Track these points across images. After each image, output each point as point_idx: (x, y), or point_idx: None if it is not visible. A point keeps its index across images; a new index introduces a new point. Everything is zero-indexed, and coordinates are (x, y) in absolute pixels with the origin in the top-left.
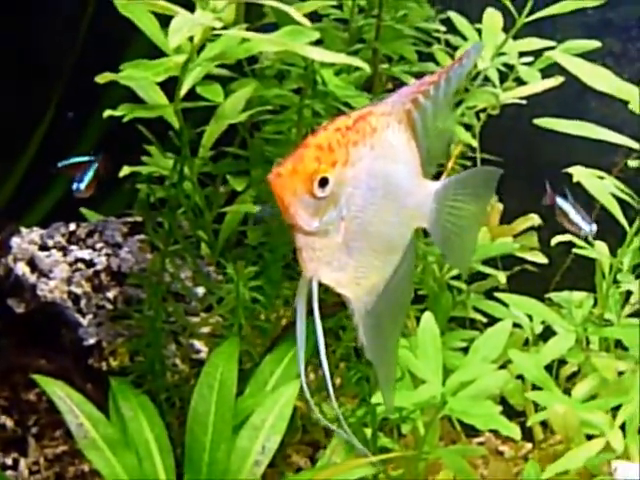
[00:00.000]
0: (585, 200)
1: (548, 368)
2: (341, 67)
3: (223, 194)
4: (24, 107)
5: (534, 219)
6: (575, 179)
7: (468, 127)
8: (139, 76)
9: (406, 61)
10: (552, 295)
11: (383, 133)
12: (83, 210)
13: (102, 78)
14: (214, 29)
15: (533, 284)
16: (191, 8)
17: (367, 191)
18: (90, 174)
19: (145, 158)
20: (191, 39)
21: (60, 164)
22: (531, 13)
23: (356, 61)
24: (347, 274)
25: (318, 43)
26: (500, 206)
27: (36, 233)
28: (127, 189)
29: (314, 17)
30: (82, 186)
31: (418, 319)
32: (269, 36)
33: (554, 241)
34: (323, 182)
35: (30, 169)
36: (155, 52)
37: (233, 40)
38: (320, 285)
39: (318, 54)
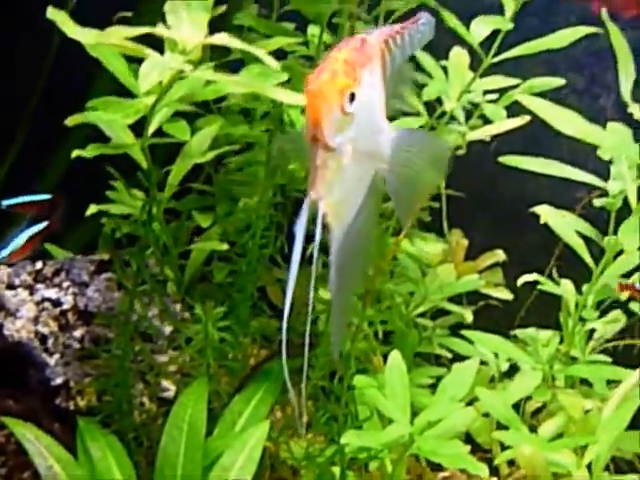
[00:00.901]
0: None
1: (514, 403)
2: None
3: (188, 230)
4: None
5: (499, 255)
6: (542, 220)
7: None
8: (108, 118)
9: None
10: (517, 332)
11: (374, 62)
12: (47, 246)
13: (71, 121)
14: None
15: (498, 319)
16: None
17: (365, 117)
18: (19, 239)
19: (111, 194)
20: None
21: (6, 203)
22: (497, 53)
23: None
24: (339, 200)
25: (285, 81)
26: (465, 242)
27: (2, 271)
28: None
29: (280, 54)
30: (4, 253)
31: (384, 356)
32: (237, 78)
33: (520, 281)
34: (351, 97)
35: None
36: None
37: (201, 81)
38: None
39: (286, 96)
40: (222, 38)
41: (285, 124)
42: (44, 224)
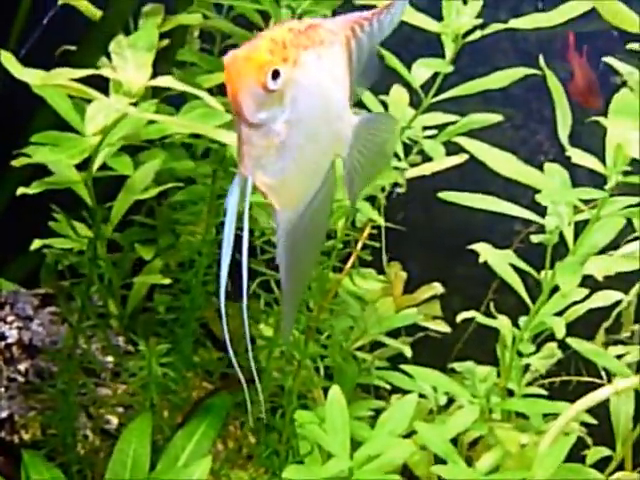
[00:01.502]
0: None
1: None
2: None
3: (130, 262)
4: None
5: (437, 288)
6: (481, 259)
7: (373, 199)
8: (54, 158)
9: None
10: (456, 365)
11: (329, 48)
12: None
13: (17, 162)
14: None
15: (436, 349)
16: None
17: (308, 100)
18: None
19: (54, 225)
20: None
21: None
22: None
23: None
24: (278, 180)
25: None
26: (403, 275)
27: None
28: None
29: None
30: None
31: (325, 389)
32: (180, 118)
33: (459, 318)
34: (275, 75)
35: None
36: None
37: (144, 120)
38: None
39: (229, 138)
40: (166, 80)
41: (227, 161)
42: None
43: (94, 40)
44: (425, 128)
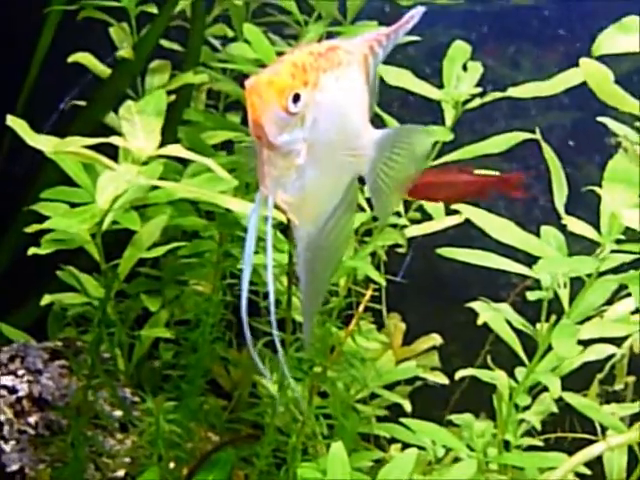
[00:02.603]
0: None
1: None
2: None
3: (135, 313)
4: None
5: (435, 339)
6: (480, 321)
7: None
8: (66, 225)
9: None
10: (453, 417)
11: (347, 69)
12: None
13: (31, 229)
14: None
15: (432, 397)
16: None
17: (328, 121)
18: None
19: (62, 274)
20: None
21: None
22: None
23: (277, 213)
24: (297, 198)
25: (231, 171)
26: (403, 326)
27: None
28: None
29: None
30: None
31: (324, 436)
32: (187, 185)
33: (458, 375)
34: (296, 98)
35: None
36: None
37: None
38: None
39: (235, 205)
40: (174, 149)
41: (234, 226)
42: None
43: (103, 97)
44: None
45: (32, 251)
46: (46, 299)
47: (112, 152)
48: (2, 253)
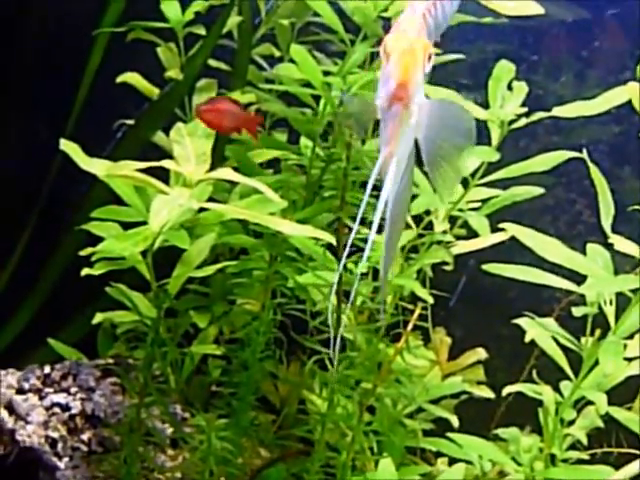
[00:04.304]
0: None
1: None
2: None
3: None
4: None
5: (480, 353)
6: (528, 337)
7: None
8: (120, 247)
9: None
10: (500, 431)
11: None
12: (50, 341)
13: (85, 252)
14: None
15: (477, 410)
16: None
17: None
18: None
19: (111, 291)
20: None
21: None
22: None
23: (324, 234)
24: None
25: (277, 189)
26: (448, 340)
27: (12, 376)
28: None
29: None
30: None
31: (371, 450)
32: (237, 207)
33: (505, 391)
34: (429, 58)
35: (3, 294)
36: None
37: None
38: None
39: (287, 228)
40: (225, 173)
41: (283, 246)
42: None
43: (151, 117)
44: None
45: (85, 272)
46: (98, 317)
47: (160, 171)
48: (51, 271)
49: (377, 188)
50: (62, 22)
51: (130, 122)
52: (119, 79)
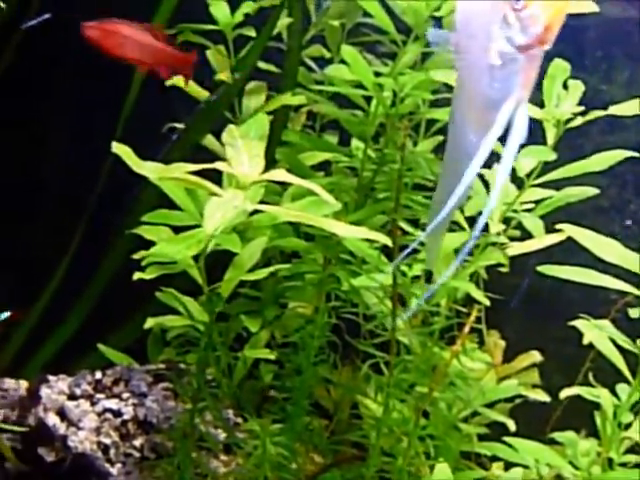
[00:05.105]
0: None
1: None
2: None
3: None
4: (48, 237)
5: (535, 356)
6: (586, 340)
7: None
8: (172, 251)
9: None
10: (556, 435)
11: None
12: (100, 347)
13: (137, 255)
14: None
15: (532, 414)
16: None
17: None
18: None
19: (162, 296)
20: None
21: None
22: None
23: (379, 236)
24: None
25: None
26: (502, 343)
27: (63, 382)
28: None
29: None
30: None
31: (427, 455)
32: (290, 208)
33: (563, 395)
34: None
35: (53, 299)
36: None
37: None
38: None
39: (342, 230)
40: (279, 174)
41: (336, 249)
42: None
43: (201, 120)
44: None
45: (137, 276)
46: (150, 322)
47: (209, 173)
48: (101, 276)
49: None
50: None
51: (179, 125)
52: (168, 82)
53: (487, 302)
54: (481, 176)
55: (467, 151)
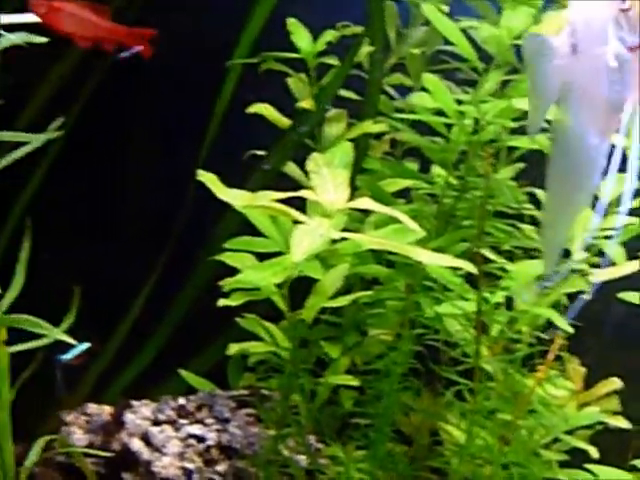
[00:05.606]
0: None
1: None
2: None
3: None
4: (129, 271)
5: (615, 383)
6: None
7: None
8: (258, 277)
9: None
10: (637, 462)
11: None
12: (182, 372)
13: (224, 283)
14: None
15: (613, 442)
16: None
17: None
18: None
19: (242, 322)
20: None
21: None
22: None
23: (464, 263)
24: None
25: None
26: (582, 370)
27: (147, 407)
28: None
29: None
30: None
31: None
32: (374, 236)
33: None
34: None
35: (135, 323)
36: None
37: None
38: None
39: (427, 257)
40: (364, 202)
41: (420, 276)
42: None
43: (282, 147)
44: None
45: (222, 303)
46: (233, 348)
47: (290, 200)
48: (182, 301)
49: None
50: (199, 51)
51: (260, 152)
52: (250, 109)
53: (571, 330)
54: None
55: (589, 155)
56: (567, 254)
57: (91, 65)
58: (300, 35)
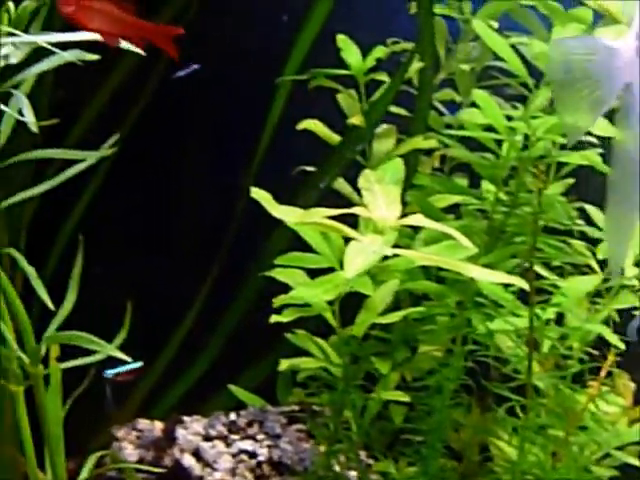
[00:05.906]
0: None
1: None
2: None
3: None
4: (181, 285)
5: None
6: None
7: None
8: (310, 294)
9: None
10: None
11: None
12: (231, 387)
13: (279, 301)
14: None
15: None
16: None
17: None
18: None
19: (292, 337)
20: None
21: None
22: None
23: (516, 279)
24: None
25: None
26: (632, 385)
27: (198, 423)
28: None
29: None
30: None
31: None
32: (426, 252)
33: None
34: None
35: (184, 339)
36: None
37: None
38: None
39: (479, 273)
40: (417, 219)
41: (472, 292)
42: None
43: (332, 163)
44: None
45: (275, 319)
46: (284, 364)
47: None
48: (232, 316)
49: None
50: (252, 66)
51: (310, 169)
52: (300, 126)
53: (623, 346)
54: None
55: None
56: (620, 270)
57: (143, 79)
58: (350, 51)
